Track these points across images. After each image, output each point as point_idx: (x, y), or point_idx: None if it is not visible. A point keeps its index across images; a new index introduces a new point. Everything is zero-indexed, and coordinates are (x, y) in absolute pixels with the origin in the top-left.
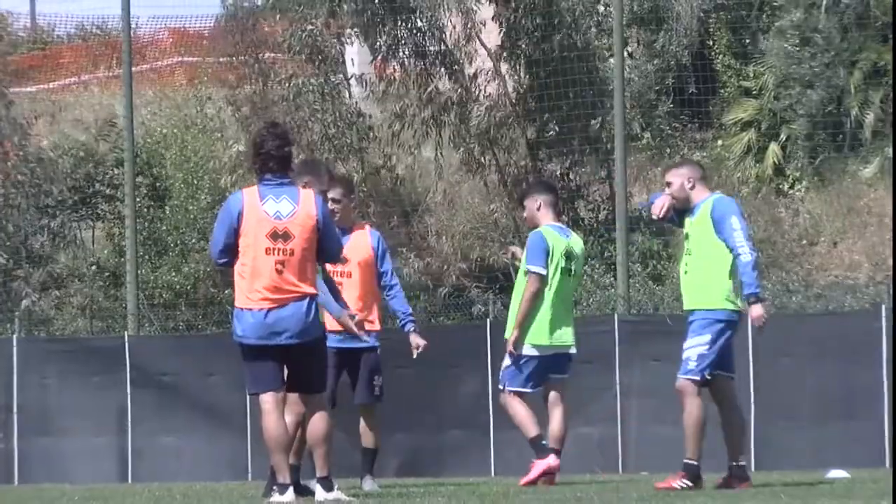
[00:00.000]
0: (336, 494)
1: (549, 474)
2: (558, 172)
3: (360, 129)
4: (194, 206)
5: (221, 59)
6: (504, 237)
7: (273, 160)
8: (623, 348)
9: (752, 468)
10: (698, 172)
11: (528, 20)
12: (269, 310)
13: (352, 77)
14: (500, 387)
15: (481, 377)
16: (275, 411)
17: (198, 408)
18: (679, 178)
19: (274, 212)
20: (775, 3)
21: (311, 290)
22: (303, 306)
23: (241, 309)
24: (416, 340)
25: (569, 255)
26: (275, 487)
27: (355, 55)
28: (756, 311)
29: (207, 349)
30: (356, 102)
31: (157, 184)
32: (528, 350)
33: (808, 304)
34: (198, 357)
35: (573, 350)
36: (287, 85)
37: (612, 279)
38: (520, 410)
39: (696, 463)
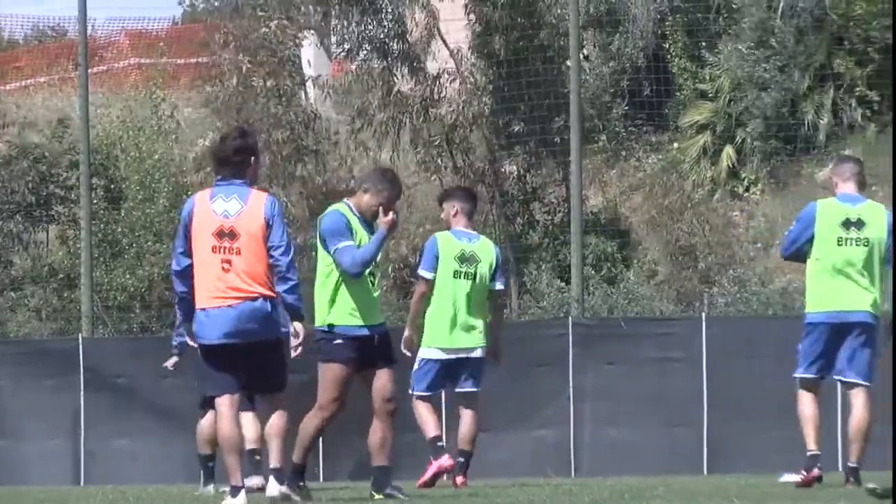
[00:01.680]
0: (286, 489)
1: (440, 474)
2: (515, 174)
3: (316, 131)
4: (151, 209)
5: (178, 61)
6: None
7: (226, 163)
8: (577, 351)
9: (706, 471)
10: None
11: (495, 19)
12: (218, 308)
13: (308, 80)
14: (410, 391)
15: None
16: (230, 414)
17: (152, 410)
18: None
19: (222, 210)
20: (732, 6)
21: (263, 290)
22: (253, 306)
23: (196, 309)
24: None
25: (465, 259)
26: (226, 489)
27: (312, 57)
28: None
29: (162, 352)
30: (313, 104)
31: (113, 186)
32: (429, 354)
33: (764, 306)
34: (152, 359)
35: (478, 353)
36: (243, 87)
37: (567, 282)
38: (422, 413)
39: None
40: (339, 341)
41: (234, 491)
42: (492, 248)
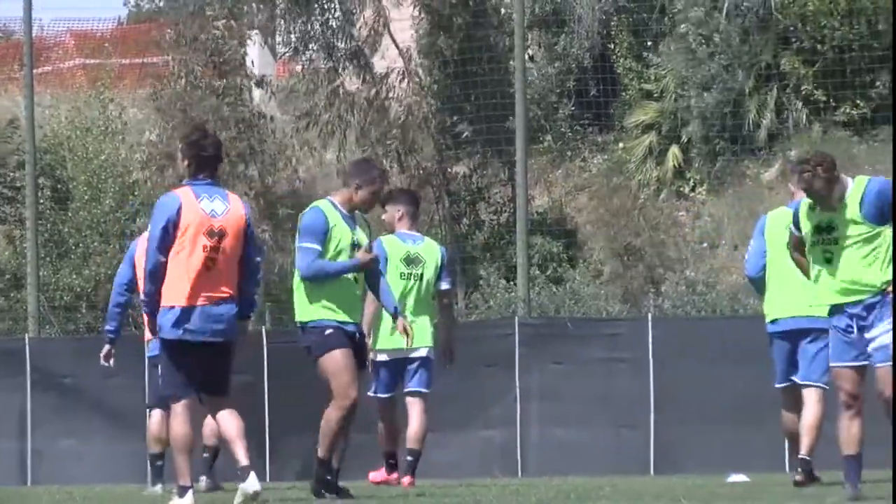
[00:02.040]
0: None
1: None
2: (462, 174)
3: (261, 132)
4: (97, 209)
5: (124, 61)
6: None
7: (209, 162)
8: (523, 351)
9: (652, 472)
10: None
11: (440, 20)
12: (202, 306)
13: (253, 79)
14: (369, 392)
15: None
16: (185, 414)
17: (98, 410)
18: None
19: (209, 209)
20: (677, 7)
21: (233, 290)
22: (231, 306)
23: (173, 306)
24: None
25: (410, 261)
26: (174, 490)
27: (256, 57)
28: None
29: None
30: (258, 104)
31: (60, 186)
32: (378, 356)
33: (711, 306)
34: (99, 360)
35: (424, 353)
36: (190, 87)
37: (513, 282)
38: (382, 426)
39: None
40: (330, 331)
41: (182, 491)
42: (437, 248)
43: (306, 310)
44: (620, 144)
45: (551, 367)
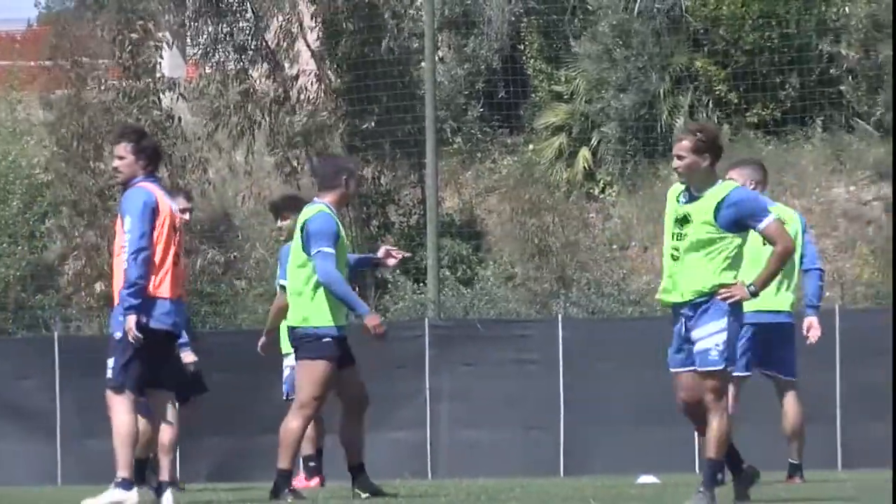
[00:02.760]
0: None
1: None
2: (371, 177)
3: (171, 134)
4: (6, 211)
5: (33, 63)
6: None
7: (158, 159)
8: (434, 353)
9: (562, 473)
10: (760, 175)
11: (347, 22)
12: (177, 299)
13: (160, 79)
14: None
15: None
16: (132, 409)
17: (8, 411)
18: (741, 178)
19: (172, 206)
20: (588, 8)
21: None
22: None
23: (165, 298)
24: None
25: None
26: (116, 482)
27: (167, 59)
28: None
29: (19, 353)
30: (168, 107)
31: None
32: (286, 361)
33: (621, 308)
34: (9, 361)
35: None
36: (99, 89)
37: (423, 284)
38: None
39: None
40: (328, 339)
41: (128, 485)
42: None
43: (305, 312)
44: (530, 146)
45: (461, 368)
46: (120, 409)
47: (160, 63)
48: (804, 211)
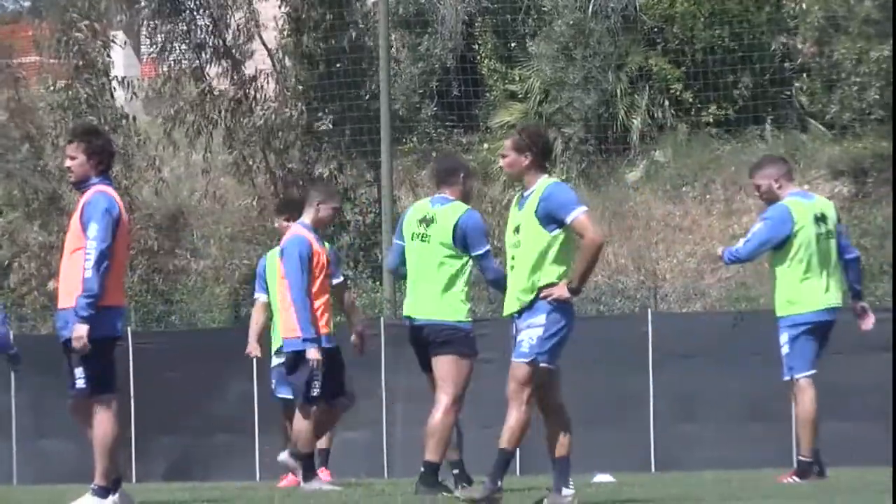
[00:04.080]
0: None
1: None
2: (327, 174)
3: (125, 134)
4: None
5: None
6: (271, 241)
7: (112, 160)
8: (389, 352)
9: (518, 473)
10: (780, 170)
11: (307, 19)
12: (119, 306)
13: (113, 78)
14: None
15: (247, 380)
16: (116, 416)
17: None
18: (766, 179)
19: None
20: (542, 8)
21: None
22: None
23: (114, 305)
24: None
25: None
26: (93, 489)
27: (120, 58)
28: None
29: None
30: (122, 106)
31: None
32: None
33: (578, 306)
34: None
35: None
36: (50, 89)
37: (379, 283)
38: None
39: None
40: (473, 335)
41: (104, 493)
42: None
43: (461, 310)
44: (485, 145)
45: (418, 367)
46: (104, 416)
47: (111, 62)
48: (758, 210)
